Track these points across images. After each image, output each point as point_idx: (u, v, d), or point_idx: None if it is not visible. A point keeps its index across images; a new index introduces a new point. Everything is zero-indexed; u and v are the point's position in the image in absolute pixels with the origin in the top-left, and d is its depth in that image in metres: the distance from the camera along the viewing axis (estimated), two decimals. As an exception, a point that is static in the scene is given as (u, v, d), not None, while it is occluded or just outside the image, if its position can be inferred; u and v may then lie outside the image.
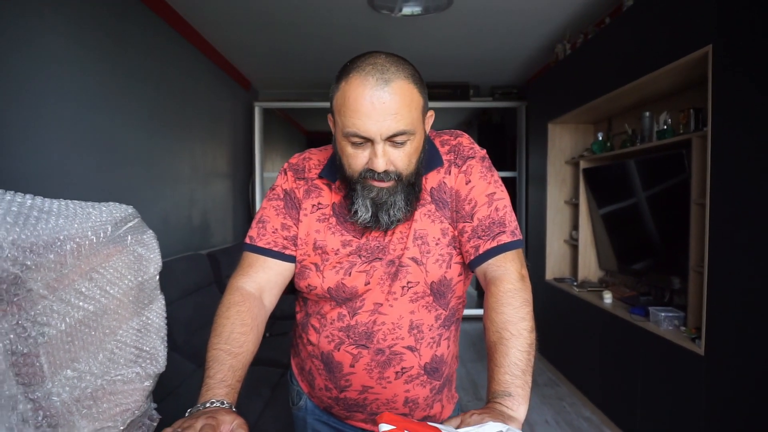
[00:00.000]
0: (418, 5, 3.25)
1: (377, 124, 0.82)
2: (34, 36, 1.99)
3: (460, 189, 0.95)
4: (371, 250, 0.96)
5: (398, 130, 0.83)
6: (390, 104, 0.82)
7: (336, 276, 0.96)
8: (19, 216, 0.57)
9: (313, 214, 0.99)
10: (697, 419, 2.01)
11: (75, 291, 0.62)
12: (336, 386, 1.02)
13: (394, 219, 0.91)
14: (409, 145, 0.87)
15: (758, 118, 1.71)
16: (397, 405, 1.02)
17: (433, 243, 0.95)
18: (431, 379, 1.03)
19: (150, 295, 0.85)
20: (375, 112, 0.82)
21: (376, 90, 0.82)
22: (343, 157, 0.90)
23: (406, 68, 0.86)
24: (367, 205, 0.90)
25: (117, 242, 0.74)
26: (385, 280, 0.95)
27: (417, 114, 0.87)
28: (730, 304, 1.85)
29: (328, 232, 0.97)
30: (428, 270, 0.94)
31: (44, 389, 0.55)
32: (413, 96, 0.85)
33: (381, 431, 0.67)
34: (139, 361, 0.77)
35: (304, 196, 1.01)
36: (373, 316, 0.97)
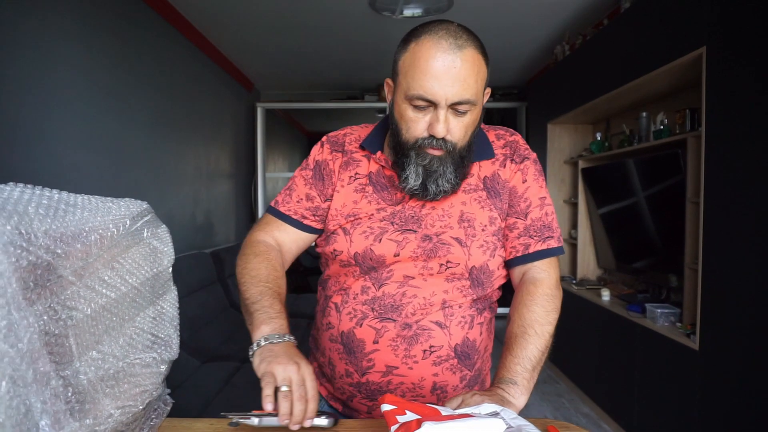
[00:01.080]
0: (419, 7, 3.30)
1: (445, 88, 0.82)
2: (46, 42, 2.05)
3: (516, 185, 0.98)
4: (405, 219, 0.94)
5: (464, 98, 0.84)
6: (461, 70, 0.82)
7: (365, 241, 0.94)
8: (49, 208, 0.61)
9: (351, 185, 0.99)
10: (691, 412, 2.05)
11: (99, 279, 0.66)
12: (357, 369, 0.96)
13: (441, 189, 0.90)
14: (468, 116, 0.87)
15: (751, 118, 1.76)
16: (424, 391, 0.95)
17: (480, 228, 0.94)
18: (462, 365, 0.96)
19: (164, 285, 0.89)
20: (445, 76, 0.82)
21: (449, 54, 0.82)
22: (401, 122, 0.89)
23: (477, 39, 0.87)
24: (419, 172, 0.89)
25: (135, 235, 0.79)
26: (419, 254, 0.92)
27: (481, 86, 0.88)
28: (724, 300, 1.89)
29: (363, 200, 0.97)
30: (471, 253, 0.93)
31: (73, 368, 0.59)
32: (481, 67, 0.86)
33: (383, 411, 0.71)
34: (154, 347, 0.81)
35: (341, 168, 1.01)
36: (402, 288, 0.93)
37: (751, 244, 1.76)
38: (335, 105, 5.24)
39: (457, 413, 0.72)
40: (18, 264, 0.53)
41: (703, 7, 1.97)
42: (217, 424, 0.83)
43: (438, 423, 0.62)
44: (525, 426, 0.71)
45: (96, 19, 2.39)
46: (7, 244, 0.52)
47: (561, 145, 3.84)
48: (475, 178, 0.97)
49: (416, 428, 0.62)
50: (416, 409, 0.72)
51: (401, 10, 3.31)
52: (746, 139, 1.78)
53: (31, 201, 0.61)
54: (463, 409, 0.75)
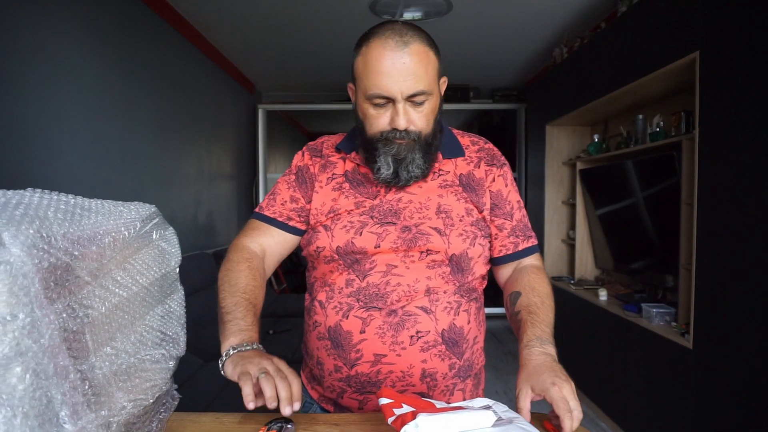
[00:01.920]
0: (419, 10, 3.34)
1: (398, 83, 0.89)
2: (50, 46, 2.09)
3: (501, 189, 1.06)
4: (384, 212, 0.99)
5: (417, 89, 0.90)
6: (410, 65, 0.89)
7: (346, 235, 0.98)
8: (67, 213, 0.65)
9: (329, 185, 1.05)
10: (685, 409, 2.09)
11: (112, 279, 0.70)
12: (346, 362, 0.98)
13: (412, 175, 0.96)
14: (426, 105, 0.94)
15: (744, 121, 1.79)
16: (413, 380, 0.97)
17: (457, 218, 0.99)
18: (450, 352, 0.99)
19: (171, 285, 0.93)
20: (396, 73, 0.89)
21: (397, 51, 0.89)
22: (365, 120, 0.97)
23: (422, 33, 0.94)
24: (389, 161, 0.96)
25: (144, 237, 0.83)
26: (399, 245, 0.97)
27: (434, 75, 0.94)
28: (717, 300, 1.93)
29: (341, 197, 1.02)
30: (451, 242, 0.97)
31: (89, 362, 0.63)
32: (430, 58, 0.93)
33: (381, 404, 0.75)
34: (163, 344, 0.85)
35: (319, 171, 1.07)
36: (386, 277, 0.96)
37: (743, 245, 1.80)
38: (336, 106, 5.28)
39: (451, 406, 0.76)
40: (40, 265, 0.57)
41: (697, 12, 2.00)
42: (223, 417, 0.87)
43: (432, 415, 0.66)
44: (516, 418, 0.74)
45: (99, 23, 2.43)
46: (30, 246, 0.56)
47: (559, 146, 3.87)
48: (451, 175, 1.04)
49: (411, 419, 0.65)
50: (412, 402, 0.76)
51: (401, 13, 3.35)
52: (739, 142, 1.82)
53: (50, 206, 0.65)
54: (456, 403, 0.79)
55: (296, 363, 2.96)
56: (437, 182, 1.03)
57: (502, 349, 4.33)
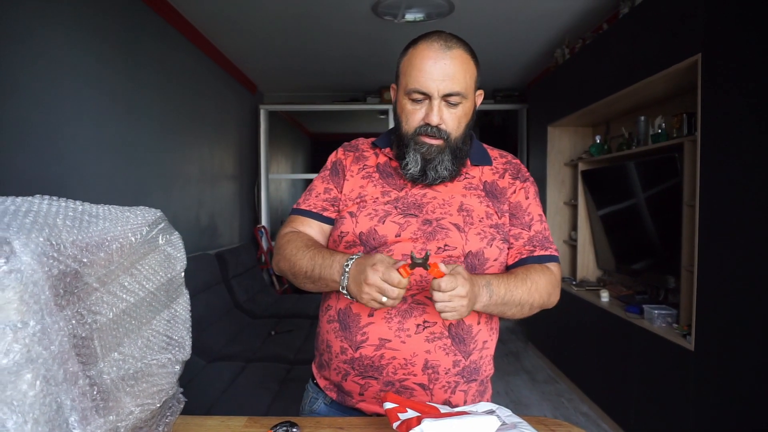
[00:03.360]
0: (421, 12, 3.35)
1: (436, 82, 0.97)
2: (56, 50, 2.10)
3: (521, 201, 1.10)
4: (408, 204, 1.04)
5: (453, 90, 0.98)
6: (449, 66, 0.98)
7: (370, 222, 1.03)
8: (75, 220, 0.66)
9: (359, 174, 1.12)
10: (686, 411, 2.09)
11: (120, 285, 0.71)
12: (352, 344, 1.00)
13: (439, 175, 1.02)
14: (460, 108, 1.01)
15: (745, 123, 1.80)
16: (415, 369, 0.98)
17: (477, 219, 1.03)
18: (456, 348, 1.00)
19: (177, 290, 0.94)
20: (436, 71, 0.97)
21: (440, 53, 0.98)
22: (402, 114, 1.03)
23: (466, 45, 1.02)
24: (417, 159, 1.02)
25: (151, 242, 0.83)
26: (419, 236, 1.00)
27: (471, 82, 1.01)
28: (718, 302, 1.93)
29: (369, 185, 1.09)
30: (469, 239, 1.01)
31: (97, 368, 0.64)
32: (469, 65, 1.01)
33: (385, 408, 0.76)
34: (169, 348, 0.86)
35: (352, 163, 1.14)
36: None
37: (746, 247, 1.80)
38: (338, 107, 5.28)
39: (455, 411, 0.77)
40: (50, 273, 0.58)
41: (698, 14, 2.01)
42: (228, 421, 0.87)
43: (437, 420, 0.67)
44: (520, 423, 0.75)
45: (102, 26, 2.44)
46: (40, 254, 0.57)
47: (561, 147, 3.88)
48: (477, 180, 1.10)
49: (416, 424, 0.66)
50: (416, 407, 0.77)
51: (403, 14, 3.36)
52: (741, 144, 1.82)
53: (59, 213, 0.65)
54: (460, 408, 0.80)
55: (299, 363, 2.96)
56: (462, 183, 1.08)
57: (504, 349, 4.34)
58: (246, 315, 3.56)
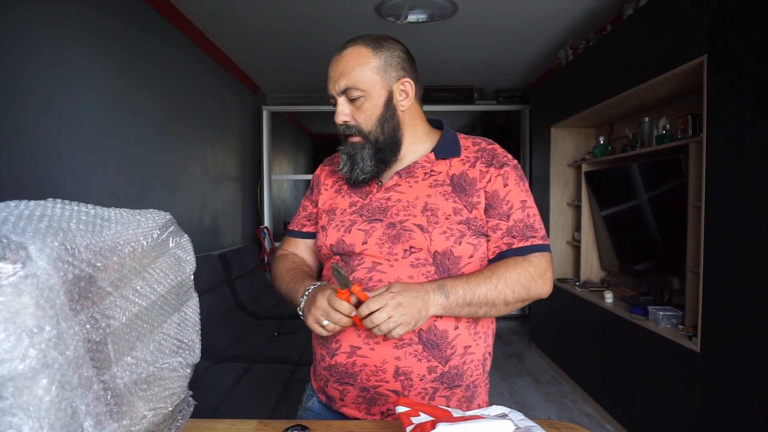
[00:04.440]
0: (424, 13, 3.34)
1: (332, 81, 1.03)
2: (60, 52, 2.10)
3: (498, 189, 1.03)
4: (372, 210, 1.04)
5: (347, 85, 1.01)
6: (341, 63, 1.02)
7: (337, 233, 1.05)
8: (88, 224, 0.66)
9: (332, 188, 1.15)
10: (692, 413, 2.09)
11: (132, 289, 0.71)
12: (328, 351, 1.03)
13: (363, 171, 1.04)
14: (364, 103, 1.02)
15: (751, 125, 1.79)
16: (387, 376, 0.97)
17: (443, 217, 1.00)
18: (428, 353, 0.98)
19: (187, 293, 0.94)
20: (332, 72, 1.03)
21: (336, 55, 1.04)
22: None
23: (372, 39, 1.04)
24: (344, 158, 1.06)
25: (161, 246, 0.83)
26: (384, 241, 1.00)
27: (371, 74, 1.01)
28: (724, 303, 1.93)
29: (339, 196, 1.11)
30: (433, 239, 0.98)
31: (111, 372, 0.64)
32: (366, 58, 1.01)
33: (398, 412, 0.76)
34: (180, 352, 0.86)
35: (327, 176, 1.18)
36: (369, 273, 1.00)
37: (752, 248, 1.80)
38: (340, 108, 5.27)
39: (468, 415, 0.76)
40: (65, 277, 0.58)
41: (704, 15, 2.00)
42: (239, 424, 0.87)
43: (451, 425, 0.66)
44: (533, 427, 0.75)
45: (105, 26, 2.44)
46: (56, 259, 0.57)
47: (564, 148, 3.87)
48: (443, 175, 1.05)
49: (431, 429, 0.66)
50: (429, 411, 0.76)
51: (406, 15, 3.35)
52: (747, 146, 1.82)
53: (72, 217, 0.65)
54: (473, 411, 0.79)
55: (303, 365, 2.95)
56: (428, 182, 1.05)
57: (507, 350, 4.34)
58: (249, 316, 3.56)
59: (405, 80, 1.04)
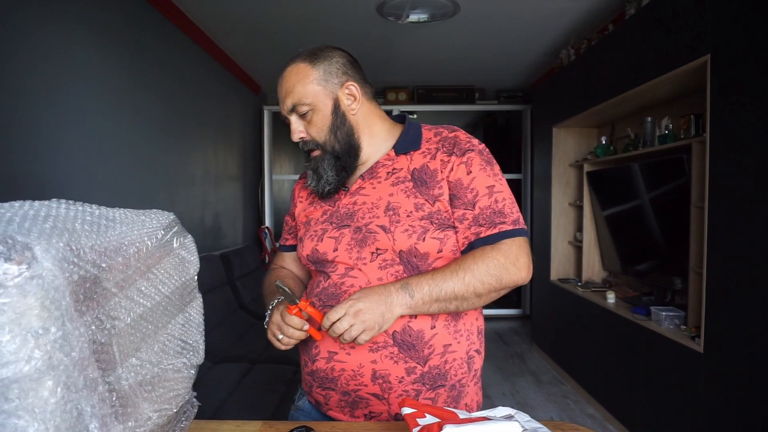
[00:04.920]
0: (425, 12, 3.34)
1: (280, 102, 1.06)
2: (62, 53, 2.10)
3: (461, 177, 1.00)
4: (341, 217, 1.05)
5: (292, 103, 1.03)
6: (285, 84, 1.05)
7: (311, 243, 1.07)
8: (93, 224, 0.65)
9: (307, 200, 1.17)
10: (695, 414, 2.08)
11: (137, 290, 0.70)
12: (309, 357, 1.04)
13: (327, 185, 1.05)
14: (313, 116, 1.04)
15: (755, 125, 1.79)
16: (365, 380, 0.97)
17: (404, 215, 0.99)
18: (405, 354, 0.96)
19: (191, 293, 0.93)
20: (279, 94, 1.07)
21: (280, 78, 1.07)
22: None
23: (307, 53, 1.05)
24: (310, 173, 1.07)
25: (166, 246, 0.83)
26: (353, 246, 1.01)
27: (312, 87, 1.03)
28: (728, 304, 1.92)
29: (313, 207, 1.13)
30: (395, 238, 0.97)
31: (116, 374, 0.63)
32: (306, 73, 1.03)
33: (404, 414, 0.75)
34: (184, 353, 0.85)
35: (302, 188, 1.20)
36: (342, 279, 1.02)
37: (755, 249, 1.79)
38: (341, 108, 5.27)
39: (474, 416, 0.76)
40: (70, 278, 0.57)
41: (707, 14, 2.00)
42: (243, 426, 0.87)
43: (458, 426, 0.66)
44: (539, 428, 0.74)
45: (106, 25, 2.43)
46: (61, 260, 0.56)
47: (566, 148, 3.87)
48: (404, 171, 1.04)
49: (438, 431, 0.65)
50: (435, 412, 0.76)
51: (407, 15, 3.35)
52: (750, 145, 1.81)
53: (77, 218, 0.65)
54: (479, 413, 0.79)
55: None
56: (390, 181, 1.04)
57: (508, 350, 4.33)
58: (251, 316, 3.56)
59: (349, 84, 1.05)
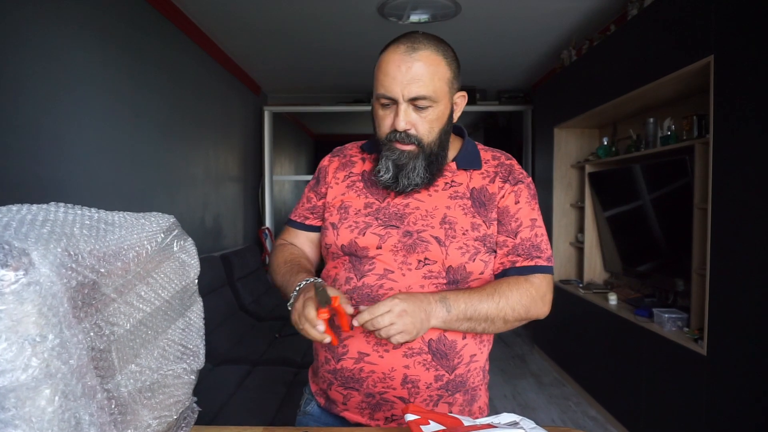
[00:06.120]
0: (426, 13, 3.33)
1: (401, 85, 0.93)
2: (63, 54, 2.09)
3: (509, 206, 1.03)
4: (389, 215, 1.01)
5: (419, 94, 0.93)
6: (414, 69, 0.93)
7: (350, 234, 1.01)
8: (92, 228, 0.64)
9: (344, 182, 1.09)
10: (698, 417, 2.07)
11: (136, 295, 0.69)
12: (334, 356, 1.01)
13: (412, 182, 0.98)
14: (431, 112, 0.96)
15: (758, 125, 1.78)
16: (394, 383, 0.97)
17: (461, 232, 0.99)
18: (437, 362, 0.98)
19: (191, 297, 0.92)
20: (400, 75, 0.93)
21: (405, 56, 0.94)
22: (375, 120, 1.00)
23: (439, 43, 0.97)
24: (389, 166, 0.98)
25: (165, 250, 0.82)
26: (399, 249, 0.98)
27: (441, 84, 0.96)
28: (731, 306, 1.91)
29: (353, 194, 1.06)
30: (449, 253, 0.97)
31: (115, 381, 0.62)
32: (439, 67, 0.95)
33: (407, 420, 0.74)
34: (184, 358, 0.84)
35: (338, 169, 1.12)
36: (381, 281, 0.98)
37: (759, 251, 1.78)
38: (342, 108, 5.27)
39: (479, 423, 0.75)
40: (68, 284, 0.56)
41: (710, 15, 1.99)
42: (245, 431, 0.85)
43: (463, 434, 0.65)
44: (544, 436, 0.73)
45: (106, 25, 2.42)
46: (59, 266, 0.55)
47: (567, 149, 3.85)
48: (463, 187, 1.03)
49: (442, 439, 0.64)
50: (439, 419, 0.75)
51: (408, 15, 3.34)
52: (754, 147, 1.80)
53: (75, 222, 0.64)
54: (483, 420, 0.78)
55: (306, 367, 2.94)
56: (448, 192, 1.03)
57: (510, 352, 4.32)
58: (251, 317, 3.55)
59: (461, 93, 1.03)
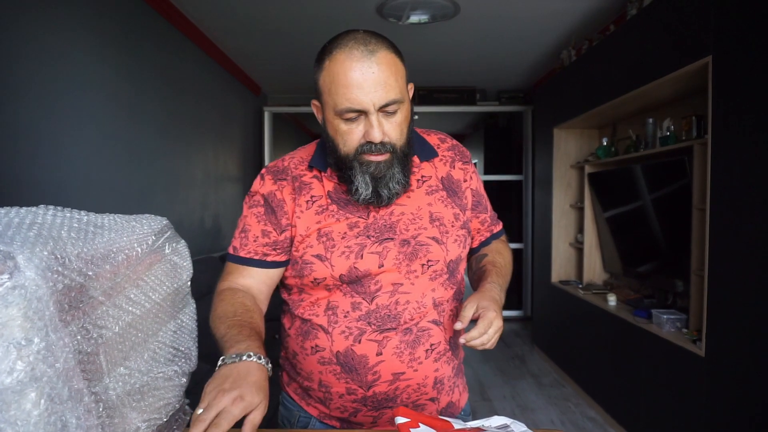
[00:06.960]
0: (426, 13, 3.33)
1: (370, 95, 0.84)
2: (56, 49, 2.09)
3: (478, 186, 1.10)
4: (380, 229, 0.95)
5: (390, 99, 0.86)
6: (379, 74, 0.84)
7: (346, 261, 0.93)
8: (80, 231, 0.64)
9: (310, 209, 0.97)
10: (697, 418, 2.07)
11: (126, 297, 0.69)
12: (362, 384, 0.96)
13: (393, 192, 0.92)
14: (399, 115, 0.89)
15: (758, 126, 1.77)
16: (427, 389, 0.99)
17: (450, 225, 0.99)
18: (453, 355, 1.04)
19: (183, 299, 0.92)
20: (366, 83, 0.84)
21: (364, 61, 0.84)
22: (337, 137, 0.91)
23: (386, 40, 0.90)
24: (367, 180, 0.90)
25: (157, 252, 0.82)
26: (401, 260, 0.95)
27: (403, 83, 0.90)
28: (730, 307, 1.91)
29: (331, 219, 0.95)
30: (448, 249, 0.98)
31: (103, 384, 0.62)
32: (397, 65, 0.88)
33: (397, 423, 0.74)
34: (176, 360, 0.84)
35: (294, 194, 0.98)
36: (394, 297, 0.95)
37: (757, 252, 1.77)
38: (342, 109, 5.26)
39: (469, 427, 0.75)
40: (54, 288, 0.56)
41: (709, 16, 1.98)
42: (238, 433, 0.85)
43: (452, 438, 0.64)
44: (535, 439, 0.73)
45: (105, 26, 2.43)
46: (45, 269, 0.55)
47: (567, 149, 3.85)
48: (434, 179, 1.02)
49: (431, 443, 0.64)
50: (429, 422, 0.75)
51: (407, 16, 3.34)
52: (753, 148, 1.80)
53: (63, 225, 0.64)
54: (474, 423, 0.78)
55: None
56: (423, 189, 1.00)
57: (509, 352, 4.31)
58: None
59: (411, 84, 0.96)
